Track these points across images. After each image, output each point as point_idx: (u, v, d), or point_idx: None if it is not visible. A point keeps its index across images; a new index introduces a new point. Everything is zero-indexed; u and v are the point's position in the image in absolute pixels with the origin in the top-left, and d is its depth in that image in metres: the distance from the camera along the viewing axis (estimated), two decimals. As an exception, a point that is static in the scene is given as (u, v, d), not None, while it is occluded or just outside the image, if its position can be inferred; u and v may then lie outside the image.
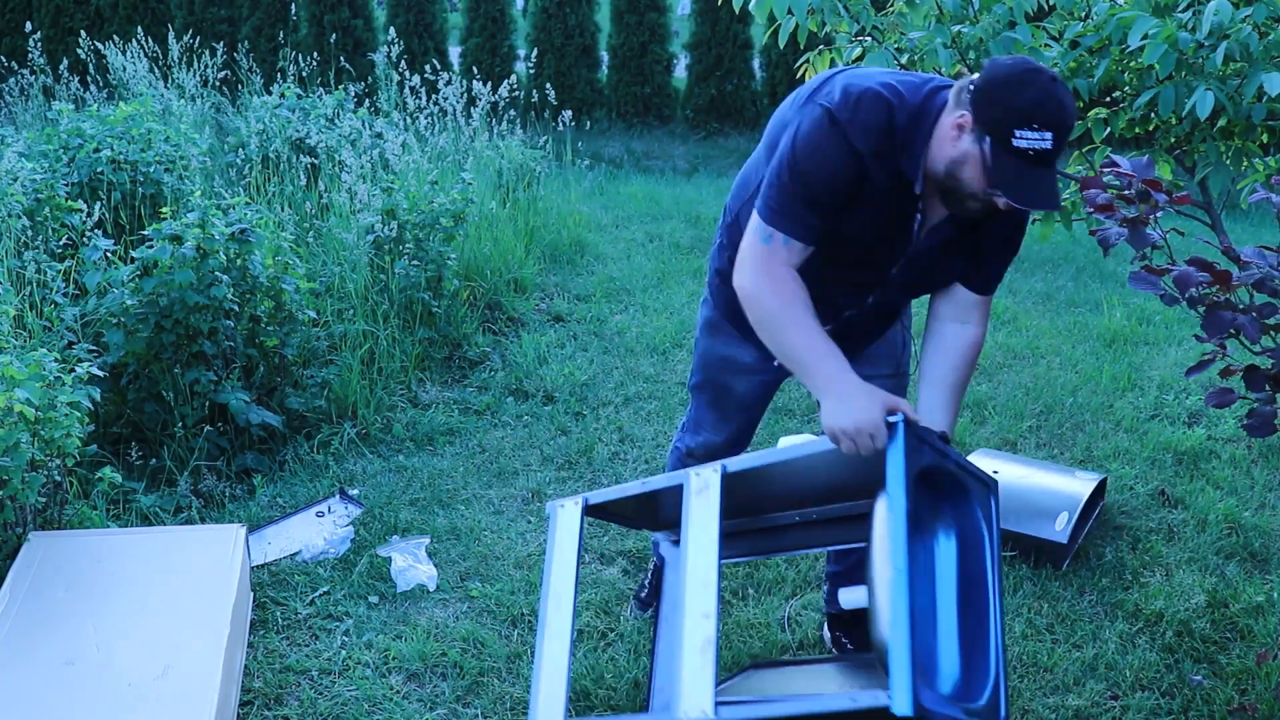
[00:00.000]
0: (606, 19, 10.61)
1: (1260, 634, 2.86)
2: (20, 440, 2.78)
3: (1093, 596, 3.05)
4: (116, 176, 4.67)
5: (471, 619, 2.94)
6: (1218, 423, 4.11)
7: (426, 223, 4.54)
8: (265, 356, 3.94)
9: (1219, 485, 3.64)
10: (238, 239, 3.74)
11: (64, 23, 10.86)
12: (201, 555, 2.78)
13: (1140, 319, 5.27)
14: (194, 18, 10.67)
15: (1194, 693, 2.65)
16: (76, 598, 2.59)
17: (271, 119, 5.72)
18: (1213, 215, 3.09)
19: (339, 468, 3.75)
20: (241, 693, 2.64)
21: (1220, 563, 3.21)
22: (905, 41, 2.93)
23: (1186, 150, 3.02)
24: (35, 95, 7.52)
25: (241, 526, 2.90)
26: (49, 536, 2.85)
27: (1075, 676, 2.72)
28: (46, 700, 2.28)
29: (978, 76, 1.91)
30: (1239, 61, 2.67)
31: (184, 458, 3.56)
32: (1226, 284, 2.00)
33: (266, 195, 5.29)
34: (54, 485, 3.01)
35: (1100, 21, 2.82)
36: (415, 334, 4.46)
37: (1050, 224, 3.22)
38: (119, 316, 3.59)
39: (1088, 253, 6.46)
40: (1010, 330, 5.13)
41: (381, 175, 5.24)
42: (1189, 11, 2.66)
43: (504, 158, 6.29)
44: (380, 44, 10.05)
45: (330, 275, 4.63)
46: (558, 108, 8.96)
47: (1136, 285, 2.04)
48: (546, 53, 10.49)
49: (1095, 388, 4.44)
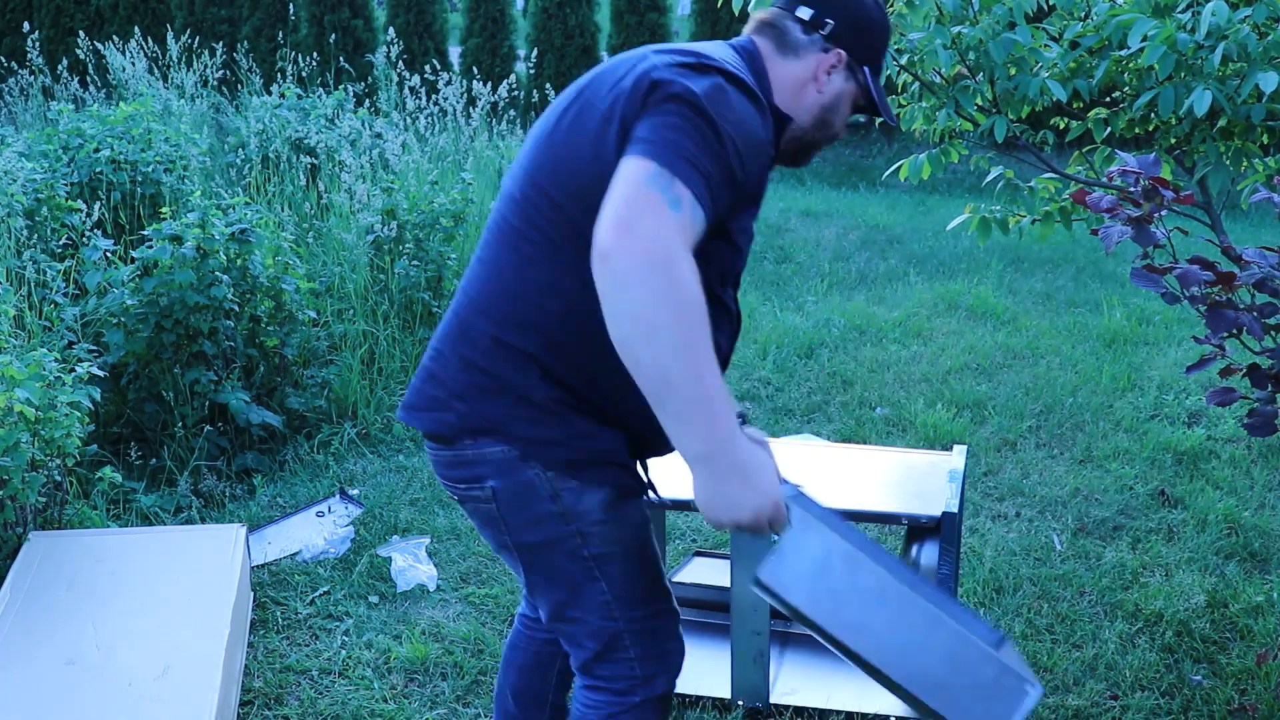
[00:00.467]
0: (607, 19, 10.62)
1: (1260, 634, 2.86)
2: (20, 440, 2.78)
3: (1092, 596, 3.05)
4: (116, 176, 4.67)
5: (471, 619, 2.94)
6: (1217, 423, 4.11)
7: (426, 223, 4.54)
8: (265, 356, 3.94)
9: (1219, 485, 3.64)
10: (238, 239, 3.74)
11: (64, 23, 10.86)
12: (202, 555, 2.78)
13: (1140, 319, 5.27)
14: (194, 18, 10.67)
15: (1194, 693, 2.65)
16: (77, 598, 2.59)
17: (271, 119, 5.72)
18: (1212, 215, 3.09)
19: (339, 468, 3.75)
20: (241, 692, 2.64)
21: (1220, 563, 3.21)
22: (905, 43, 2.94)
23: (1186, 151, 3.03)
24: (35, 95, 7.52)
25: (242, 526, 2.90)
26: (49, 536, 2.85)
27: (1075, 676, 2.72)
28: (47, 700, 2.27)
29: (828, 17, 1.72)
30: (1237, 62, 2.67)
31: (184, 458, 3.56)
32: (1229, 284, 2.00)
33: (266, 195, 5.29)
34: (54, 485, 3.01)
35: (1100, 22, 2.82)
36: (415, 334, 4.46)
37: (1050, 224, 3.22)
38: (119, 316, 3.59)
39: (1087, 253, 6.47)
40: (1010, 330, 5.13)
41: (381, 175, 5.24)
42: (1188, 12, 2.66)
43: (504, 158, 6.29)
44: (380, 44, 10.05)
45: (330, 275, 4.63)
46: (557, 108, 8.96)
47: (1139, 283, 2.04)
48: (546, 53, 10.49)
49: (1095, 388, 4.44)
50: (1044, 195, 3.27)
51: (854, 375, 4.58)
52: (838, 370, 4.62)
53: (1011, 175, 3.29)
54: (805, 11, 1.73)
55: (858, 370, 4.64)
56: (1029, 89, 2.85)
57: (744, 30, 1.80)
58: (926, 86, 3.07)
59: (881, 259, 6.42)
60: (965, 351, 4.84)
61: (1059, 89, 2.81)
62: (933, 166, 3.21)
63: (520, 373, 1.61)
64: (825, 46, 1.73)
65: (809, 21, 1.72)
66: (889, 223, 7.26)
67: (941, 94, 3.00)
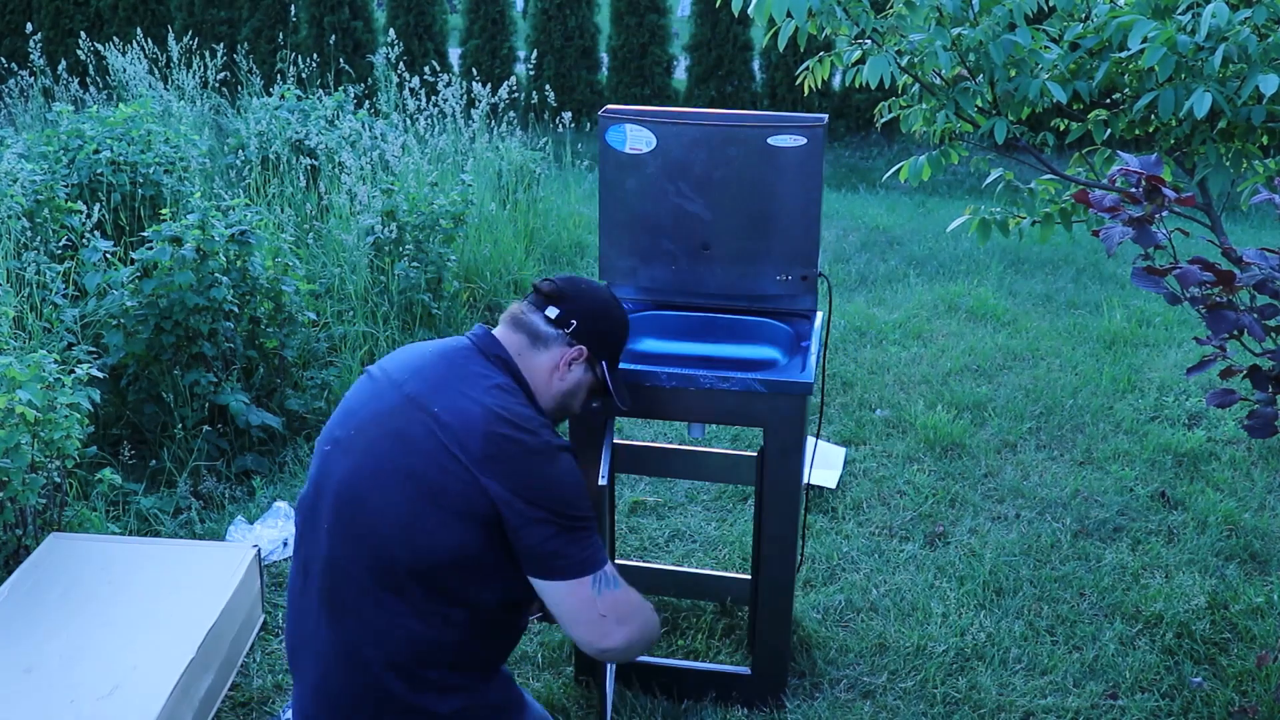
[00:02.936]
0: (606, 20, 10.62)
1: (1260, 635, 2.86)
2: (21, 442, 2.78)
3: (1093, 598, 3.05)
4: (116, 178, 4.67)
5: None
6: (1218, 424, 4.11)
7: (426, 224, 4.55)
8: (265, 358, 3.94)
9: (1219, 487, 3.64)
10: (237, 240, 3.74)
11: (64, 24, 10.86)
12: (203, 574, 2.75)
13: (1140, 321, 5.27)
14: (194, 19, 10.67)
15: (1194, 694, 2.65)
16: (67, 603, 2.58)
17: (271, 120, 5.72)
18: (1212, 216, 3.09)
19: (339, 469, 3.75)
20: (240, 693, 2.64)
21: (1220, 564, 3.21)
22: (905, 44, 2.94)
23: (1186, 152, 3.02)
24: (35, 96, 7.52)
25: (254, 548, 2.86)
26: (68, 539, 2.84)
27: (1075, 678, 2.72)
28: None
29: (574, 318, 2.06)
30: (1238, 64, 2.67)
31: (184, 459, 3.56)
32: (1230, 285, 2.00)
33: (266, 197, 5.29)
34: (54, 487, 3.01)
35: (1100, 24, 2.82)
36: (415, 335, 4.46)
37: (1050, 226, 3.22)
38: (119, 318, 3.59)
39: (1087, 254, 6.46)
40: (1010, 332, 5.13)
41: (381, 177, 5.24)
42: (1188, 14, 2.66)
43: (504, 159, 6.29)
44: (380, 45, 10.06)
45: (330, 277, 4.63)
46: (557, 109, 8.98)
47: (1139, 284, 2.04)
48: (546, 54, 10.50)
49: (1095, 389, 4.44)
50: (1044, 197, 3.27)
51: (854, 377, 4.58)
52: (837, 372, 4.62)
53: (1011, 177, 3.29)
54: (553, 311, 2.06)
55: (858, 372, 4.64)
56: (1029, 90, 2.85)
57: (499, 324, 2.10)
58: (926, 88, 3.07)
59: (881, 260, 6.42)
60: (965, 353, 4.84)
61: (1059, 91, 2.81)
62: (933, 168, 3.20)
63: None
64: (569, 341, 2.06)
65: (554, 320, 2.06)
66: (889, 224, 7.26)
67: (941, 95, 3.00)
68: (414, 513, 1.84)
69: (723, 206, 2.55)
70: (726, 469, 2.79)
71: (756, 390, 2.32)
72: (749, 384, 2.32)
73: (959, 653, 2.80)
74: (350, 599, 1.88)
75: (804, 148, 2.47)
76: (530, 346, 2.05)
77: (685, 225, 2.58)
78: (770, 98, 10.40)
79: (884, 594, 3.05)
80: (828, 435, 4.05)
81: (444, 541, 1.84)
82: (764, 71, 10.45)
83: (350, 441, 1.94)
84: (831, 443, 3.97)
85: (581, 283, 2.13)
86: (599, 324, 2.09)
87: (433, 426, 1.87)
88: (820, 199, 2.54)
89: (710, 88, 10.35)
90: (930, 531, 3.38)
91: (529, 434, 1.89)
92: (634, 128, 2.53)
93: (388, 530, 1.85)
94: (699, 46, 10.35)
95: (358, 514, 1.88)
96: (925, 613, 2.96)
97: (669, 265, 2.61)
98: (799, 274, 2.59)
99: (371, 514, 1.87)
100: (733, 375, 2.33)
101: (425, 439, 1.86)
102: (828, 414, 4.24)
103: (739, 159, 2.51)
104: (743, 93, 10.41)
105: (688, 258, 2.60)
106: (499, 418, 1.88)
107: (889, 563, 3.21)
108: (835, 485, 3.62)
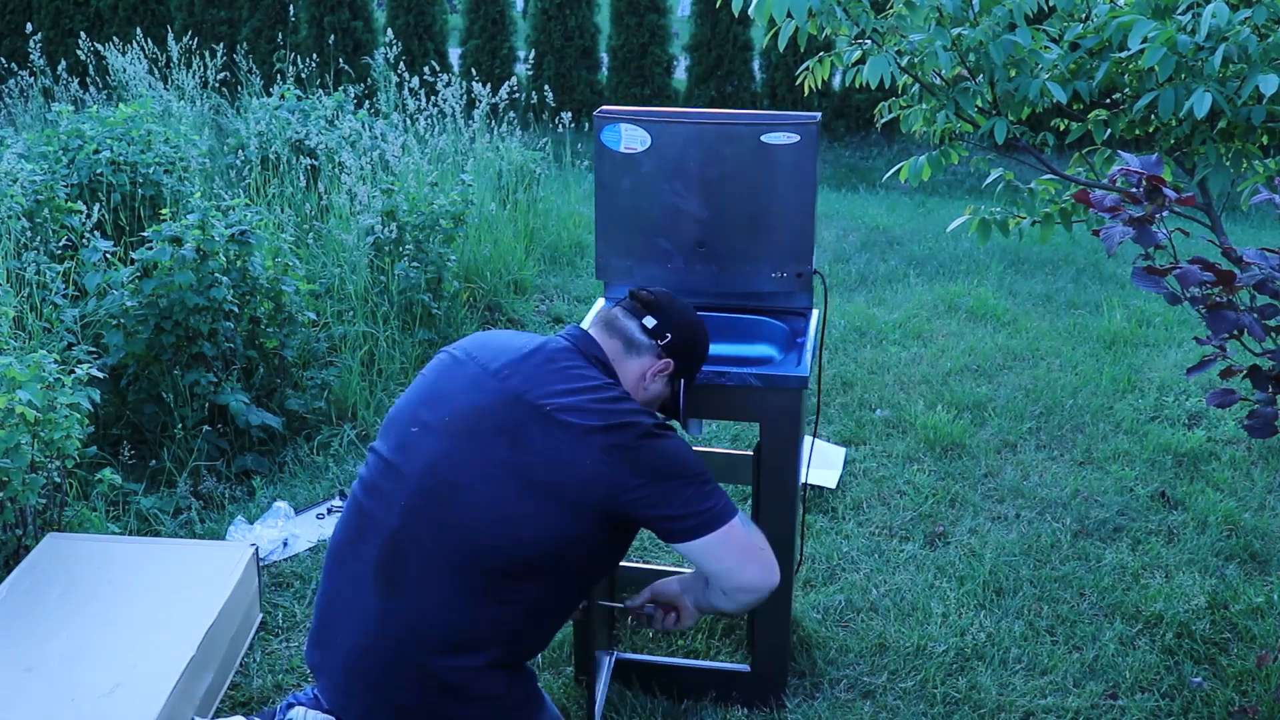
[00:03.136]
0: (606, 20, 10.62)
1: (1260, 635, 2.86)
2: (21, 442, 2.78)
3: (1093, 598, 3.05)
4: (116, 178, 4.67)
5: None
6: (1218, 424, 4.11)
7: (426, 224, 4.54)
8: (265, 358, 3.94)
9: (1219, 487, 3.64)
10: (237, 240, 3.74)
11: (64, 24, 10.86)
12: (203, 572, 2.75)
13: (1140, 321, 5.27)
14: (193, 19, 10.67)
15: (1194, 694, 2.65)
16: (67, 603, 2.58)
17: (271, 120, 5.72)
18: (1212, 216, 3.09)
19: (339, 469, 3.75)
20: (240, 692, 2.64)
21: (1220, 564, 3.21)
22: (905, 44, 2.93)
23: (1186, 152, 3.02)
24: (35, 97, 7.52)
25: (251, 546, 2.86)
26: (66, 538, 2.84)
27: (1075, 678, 2.72)
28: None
29: (669, 330, 2.11)
30: (1238, 64, 2.67)
31: (183, 459, 3.56)
32: (1230, 285, 2.00)
33: (266, 197, 5.29)
34: (54, 487, 3.01)
35: (1100, 24, 2.82)
36: (415, 335, 4.46)
37: (1050, 226, 3.22)
38: (119, 318, 3.59)
39: (1087, 254, 6.46)
40: (1010, 332, 5.13)
41: (381, 177, 5.24)
42: (1188, 14, 2.66)
43: (504, 159, 6.29)
44: (380, 45, 10.05)
45: (330, 277, 4.63)
46: (557, 109, 8.97)
47: (1140, 284, 2.04)
48: (546, 54, 10.50)
49: (1095, 389, 4.44)
50: (1044, 197, 3.27)
51: (854, 377, 4.58)
52: (837, 372, 4.62)
53: (1011, 177, 3.29)
54: (650, 321, 2.12)
55: (857, 372, 4.64)
56: (1029, 91, 2.85)
57: (587, 323, 2.20)
58: (926, 88, 3.07)
59: (881, 260, 6.42)
60: (965, 353, 4.84)
61: (1059, 91, 2.81)
62: (933, 168, 3.20)
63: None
64: (660, 353, 2.11)
65: (650, 330, 2.11)
66: (889, 224, 7.26)
67: (941, 96, 3.00)
68: (520, 508, 1.86)
69: (718, 205, 2.56)
70: (725, 469, 2.80)
71: (752, 385, 2.34)
72: (745, 379, 2.34)
73: (959, 653, 2.80)
74: (412, 577, 1.88)
75: (798, 145, 2.48)
76: (624, 352, 2.10)
77: (680, 224, 2.59)
78: (770, 98, 10.40)
79: (884, 594, 3.05)
80: (827, 435, 4.05)
81: (542, 534, 1.87)
82: (764, 71, 10.46)
83: (445, 427, 1.94)
84: (831, 443, 3.97)
85: (676, 299, 2.18)
86: (690, 342, 2.15)
87: (547, 424, 1.89)
88: (815, 196, 2.55)
89: (710, 88, 10.35)
90: (930, 531, 3.38)
91: (638, 421, 1.94)
92: (629, 127, 2.54)
93: (481, 521, 1.86)
94: (699, 46, 10.35)
95: (450, 501, 1.88)
96: (925, 613, 2.96)
97: (665, 263, 2.62)
98: (794, 271, 2.59)
99: (465, 504, 1.87)
100: (729, 370, 2.34)
101: (542, 437, 1.89)
102: (828, 414, 4.24)
103: (733, 157, 2.51)
104: (743, 93, 10.41)
105: (683, 256, 2.61)
106: (611, 412, 1.92)
107: (889, 563, 3.21)
108: (835, 485, 3.62)
